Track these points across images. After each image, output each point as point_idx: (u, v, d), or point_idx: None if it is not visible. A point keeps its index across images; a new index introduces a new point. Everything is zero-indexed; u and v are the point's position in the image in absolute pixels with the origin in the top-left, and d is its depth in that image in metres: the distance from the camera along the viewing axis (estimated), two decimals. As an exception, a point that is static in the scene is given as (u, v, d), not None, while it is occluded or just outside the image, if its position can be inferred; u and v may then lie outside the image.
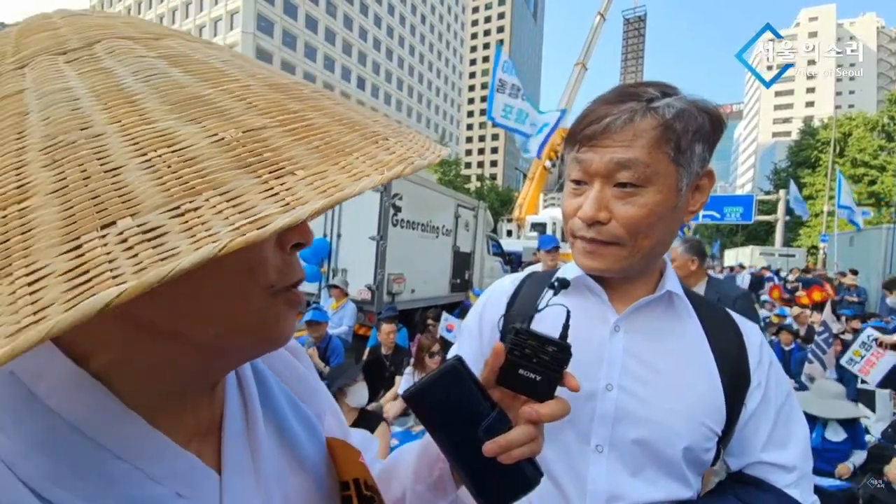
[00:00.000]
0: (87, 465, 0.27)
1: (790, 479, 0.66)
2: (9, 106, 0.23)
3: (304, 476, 0.40)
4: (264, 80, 0.27)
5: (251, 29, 38.92)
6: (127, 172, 0.19)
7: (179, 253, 0.17)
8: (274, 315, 0.30)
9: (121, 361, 0.28)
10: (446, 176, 36.95)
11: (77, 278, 0.16)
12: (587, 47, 22.51)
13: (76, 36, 0.27)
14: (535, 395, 0.44)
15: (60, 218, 0.18)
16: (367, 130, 0.26)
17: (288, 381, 0.44)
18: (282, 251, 0.30)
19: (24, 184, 0.19)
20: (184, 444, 0.31)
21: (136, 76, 0.24)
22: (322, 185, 0.21)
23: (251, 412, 0.37)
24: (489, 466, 0.42)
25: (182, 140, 0.21)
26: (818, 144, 30.71)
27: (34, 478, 0.25)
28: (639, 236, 0.62)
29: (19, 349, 0.15)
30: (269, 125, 0.23)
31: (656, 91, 0.61)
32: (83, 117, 0.21)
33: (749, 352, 0.70)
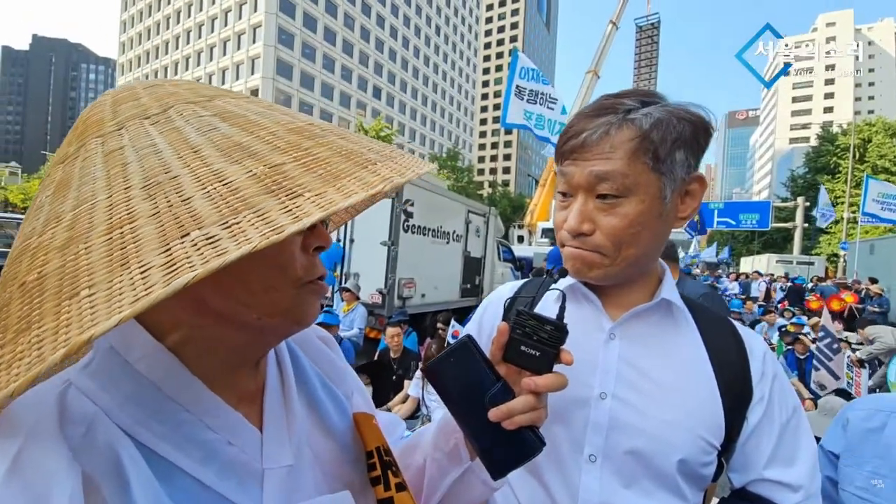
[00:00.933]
0: (163, 413, 0.36)
1: (796, 499, 0.63)
2: (115, 159, 0.32)
3: (332, 441, 0.47)
4: (286, 125, 0.36)
5: (272, 42, 39.96)
6: (195, 201, 0.28)
7: (228, 251, 0.25)
8: (301, 302, 0.39)
9: (188, 338, 0.37)
10: (459, 182, 37.12)
11: (169, 268, 0.25)
12: (599, 55, 22.50)
13: (155, 104, 0.37)
14: (535, 369, 0.50)
15: (157, 232, 0.27)
16: (361, 158, 0.34)
17: (320, 365, 0.53)
18: (306, 253, 0.39)
19: (132, 211, 0.28)
20: (234, 405, 0.40)
21: (198, 132, 0.33)
22: (321, 202, 0.29)
23: (287, 385, 0.46)
24: (495, 433, 0.47)
25: (229, 176, 0.30)
26: (837, 151, 29.98)
27: (125, 422, 0.34)
28: (622, 246, 0.62)
29: (139, 309, 0.24)
30: (286, 161, 0.32)
31: (635, 102, 0.61)
32: (165, 164, 0.31)
33: (752, 364, 0.67)
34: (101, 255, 0.27)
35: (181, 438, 0.36)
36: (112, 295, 0.25)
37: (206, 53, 44.94)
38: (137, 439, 0.34)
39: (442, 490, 0.54)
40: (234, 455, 0.38)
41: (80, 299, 0.25)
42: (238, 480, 0.37)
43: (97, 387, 0.35)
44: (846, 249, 16.39)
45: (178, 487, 0.34)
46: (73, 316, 0.25)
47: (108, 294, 0.25)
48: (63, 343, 0.24)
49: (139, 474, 0.32)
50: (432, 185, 6.66)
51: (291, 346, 0.51)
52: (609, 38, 23.29)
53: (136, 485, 0.31)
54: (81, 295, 0.25)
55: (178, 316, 0.37)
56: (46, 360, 0.23)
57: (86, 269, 0.27)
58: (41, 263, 0.29)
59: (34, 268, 0.29)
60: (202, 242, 0.26)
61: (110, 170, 0.31)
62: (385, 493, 0.45)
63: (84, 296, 0.25)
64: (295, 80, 42.23)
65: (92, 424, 0.32)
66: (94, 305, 0.25)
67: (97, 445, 0.32)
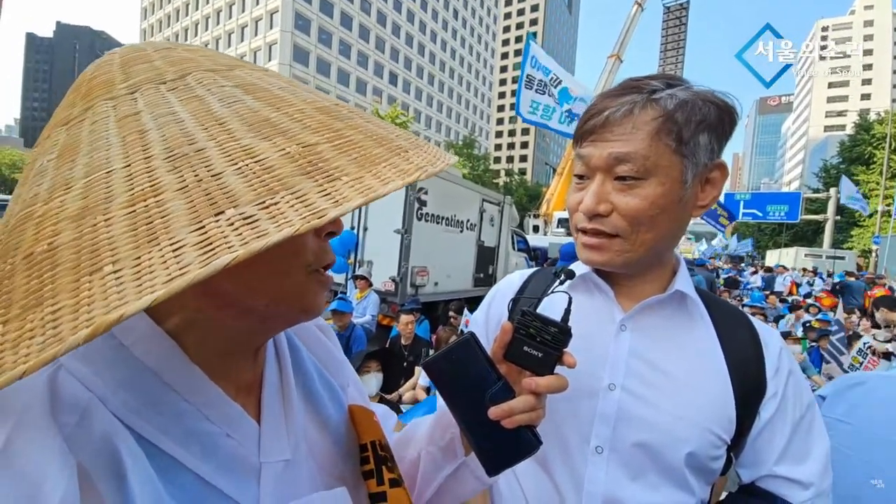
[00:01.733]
0: (161, 402, 0.34)
1: (806, 496, 0.62)
2: (130, 125, 0.30)
3: (327, 434, 0.47)
4: (312, 103, 0.34)
5: (289, 28, 39.96)
6: (226, 177, 0.26)
7: (268, 233, 0.24)
8: (309, 290, 0.38)
9: (189, 323, 0.36)
10: (475, 171, 36.83)
11: (205, 247, 0.23)
12: (623, 38, 21.74)
13: (171, 69, 0.34)
14: (536, 369, 0.50)
15: (186, 208, 0.25)
16: (393, 145, 0.33)
17: (317, 355, 0.52)
18: (318, 238, 0.38)
19: (156, 183, 0.26)
20: (232, 396, 0.38)
21: (222, 102, 0.31)
22: (360, 188, 0.28)
23: (285, 376, 0.45)
24: (493, 431, 0.47)
25: (260, 153, 0.28)
26: (873, 140, 28.56)
27: (121, 410, 0.32)
28: (641, 228, 0.60)
29: (174, 289, 0.22)
30: (320, 142, 0.30)
31: (660, 83, 0.60)
32: (189, 135, 0.29)
33: (766, 359, 0.66)
34: (124, 228, 0.25)
35: (182, 431, 0.34)
36: (141, 272, 0.23)
37: (224, 40, 45.22)
38: (136, 431, 0.32)
39: (435, 484, 0.54)
40: (233, 448, 0.37)
41: (103, 275, 0.23)
42: (236, 475, 0.36)
43: (90, 371, 0.32)
44: (878, 244, 15.69)
45: (177, 484, 0.33)
46: (95, 293, 0.23)
47: (137, 271, 0.23)
48: (85, 323, 0.22)
49: (138, 470, 0.30)
50: (447, 173, 6.59)
51: (290, 335, 0.50)
52: (634, 19, 22.47)
53: (133, 479, 0.29)
54: (105, 271, 0.24)
55: (180, 299, 0.34)
56: (66, 341, 0.22)
57: (107, 242, 0.25)
58: (51, 234, 0.26)
59: (42, 238, 0.26)
60: (239, 222, 0.25)
61: (126, 136, 0.29)
62: (377, 488, 0.45)
63: (109, 272, 0.23)
64: (311, 67, 42.22)
65: (86, 412, 0.30)
66: (121, 283, 0.23)
67: (92, 436, 0.30)
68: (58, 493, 0.26)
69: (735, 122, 0.62)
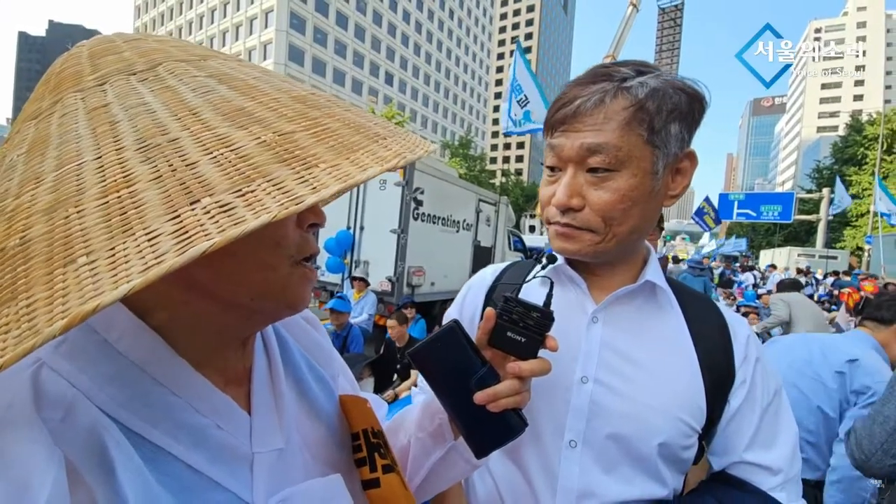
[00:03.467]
0: (149, 396, 0.34)
1: (775, 482, 0.63)
2: (100, 116, 0.30)
3: (319, 423, 0.47)
4: (288, 92, 0.34)
5: (284, 27, 39.79)
6: (201, 166, 0.26)
7: (245, 220, 0.24)
8: (294, 283, 0.38)
9: (174, 317, 0.36)
10: (471, 171, 36.84)
11: (181, 236, 0.23)
12: (618, 39, 21.82)
13: (141, 59, 0.34)
14: (520, 354, 0.51)
15: (161, 198, 0.25)
16: (370, 132, 0.33)
17: (306, 347, 0.52)
18: (300, 229, 0.38)
19: (129, 174, 0.26)
20: (222, 388, 0.38)
21: (195, 92, 0.31)
22: (338, 175, 0.28)
23: (274, 367, 0.45)
24: (480, 415, 0.49)
25: (236, 142, 0.28)
26: (864, 141, 28.86)
27: (107, 404, 0.32)
28: (613, 223, 0.60)
29: (151, 278, 0.22)
30: (296, 130, 0.30)
31: (631, 70, 0.59)
32: (162, 126, 0.28)
33: (735, 347, 0.66)
34: (97, 219, 0.25)
35: (170, 423, 0.34)
36: (116, 263, 0.23)
37: (218, 39, 44.96)
38: (123, 423, 0.32)
39: (425, 469, 0.55)
40: (224, 439, 0.37)
41: (77, 267, 0.23)
42: (228, 465, 0.36)
43: (74, 368, 0.32)
44: (871, 243, 15.86)
45: (166, 473, 0.32)
46: (69, 285, 0.23)
47: (112, 262, 0.23)
48: (61, 314, 0.22)
49: (126, 460, 0.30)
50: (443, 172, 6.60)
51: (276, 327, 0.50)
52: (629, 20, 22.54)
53: (122, 471, 0.29)
54: (79, 262, 0.23)
55: (163, 293, 0.35)
56: (42, 333, 0.21)
57: (80, 234, 0.24)
58: (23, 228, 0.26)
59: (14, 232, 0.26)
60: (215, 210, 0.24)
61: (96, 128, 0.29)
62: (370, 475, 0.45)
63: (83, 263, 0.23)
64: (307, 66, 42.07)
65: (71, 407, 0.30)
66: (95, 273, 0.23)
67: (78, 430, 0.30)
68: (46, 487, 0.26)
69: (704, 109, 0.61)
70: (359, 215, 5.85)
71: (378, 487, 0.45)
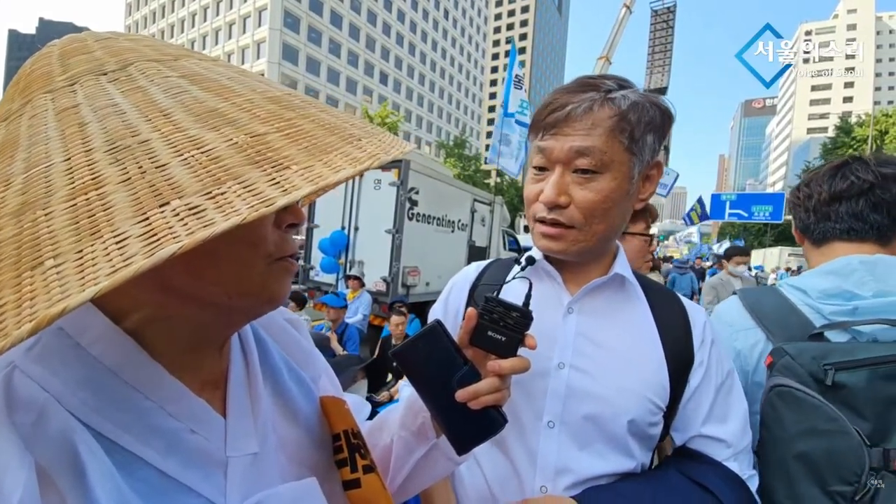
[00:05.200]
0: (122, 401, 0.34)
1: (728, 453, 0.69)
2: (69, 118, 0.29)
3: (297, 426, 0.47)
4: (263, 93, 0.34)
5: (278, 25, 39.57)
6: (171, 168, 0.26)
7: (215, 222, 0.24)
8: (271, 280, 0.38)
9: (148, 320, 0.35)
10: (466, 171, 36.88)
11: (150, 238, 0.23)
12: (612, 41, 21.95)
13: (112, 59, 0.33)
14: (500, 352, 0.53)
15: (130, 200, 0.25)
16: (345, 133, 0.33)
17: (286, 348, 0.52)
18: (278, 229, 0.38)
19: (98, 176, 0.26)
20: (197, 391, 0.38)
21: (167, 94, 0.31)
22: (310, 176, 0.28)
23: (252, 369, 0.45)
24: (461, 412, 0.50)
25: (207, 144, 0.28)
26: (853, 142, 29.28)
27: (78, 408, 0.32)
28: (594, 221, 0.65)
29: (118, 280, 0.22)
30: (269, 132, 0.30)
31: (613, 83, 0.66)
32: (132, 127, 0.28)
33: (693, 332, 0.73)
34: (65, 222, 0.25)
35: (143, 428, 0.34)
36: (84, 265, 0.23)
37: (211, 37, 44.64)
38: (95, 428, 0.32)
39: (408, 467, 0.56)
40: (198, 443, 0.36)
41: (44, 270, 0.23)
42: (201, 469, 0.36)
43: (46, 372, 0.32)
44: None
45: (138, 478, 0.32)
46: (37, 288, 0.23)
47: (79, 264, 0.23)
48: (29, 317, 0.22)
49: (97, 465, 0.30)
50: (437, 173, 6.60)
51: (256, 328, 0.49)
52: (622, 22, 22.71)
53: (93, 476, 0.29)
54: (47, 265, 0.23)
55: (137, 296, 0.34)
56: (10, 336, 0.21)
57: (48, 237, 0.24)
58: None
59: None
60: (184, 212, 0.24)
61: (65, 129, 0.29)
62: (351, 475, 0.45)
63: (50, 266, 0.23)
64: (301, 65, 41.89)
65: (43, 411, 0.30)
66: (62, 276, 0.23)
67: (50, 434, 0.29)
68: (17, 490, 0.25)
69: (671, 124, 0.69)
70: (353, 215, 5.84)
71: (359, 488, 0.45)
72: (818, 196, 0.86)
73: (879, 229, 0.80)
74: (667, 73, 30.97)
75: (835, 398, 0.67)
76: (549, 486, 0.68)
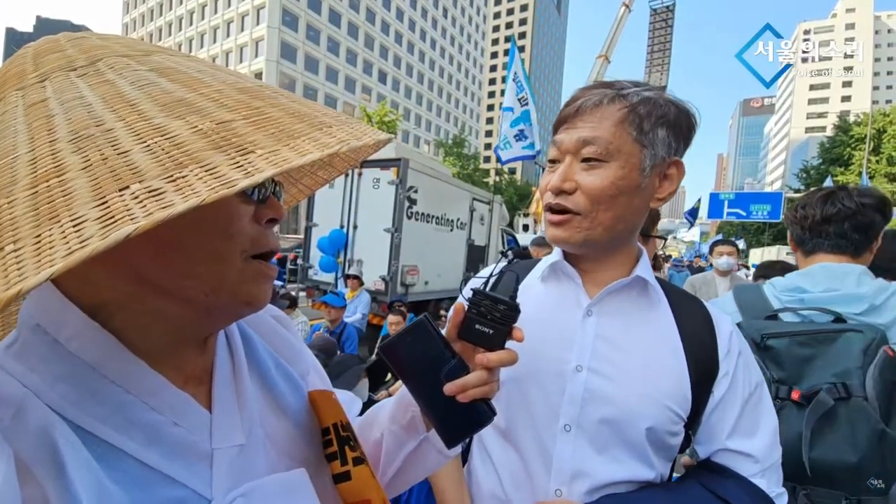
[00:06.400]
0: (101, 394, 0.34)
1: (756, 469, 0.66)
2: (37, 111, 0.30)
3: (285, 419, 0.47)
4: (233, 84, 0.34)
5: (276, 24, 39.46)
6: (133, 154, 0.26)
7: (174, 204, 0.24)
8: (248, 278, 0.38)
9: (126, 315, 0.35)
10: (465, 170, 36.85)
11: (107, 221, 0.23)
12: (611, 39, 21.94)
13: (82, 56, 0.34)
14: (488, 345, 0.53)
15: (90, 186, 0.25)
16: (315, 121, 0.33)
17: (274, 345, 0.52)
18: (258, 224, 0.38)
19: (60, 164, 0.26)
20: (181, 386, 0.38)
21: (133, 85, 0.31)
22: (274, 160, 0.28)
23: (237, 364, 0.45)
24: (450, 405, 0.50)
25: (171, 131, 0.28)
26: (851, 141, 29.32)
27: (58, 403, 0.32)
28: (600, 207, 0.65)
29: (73, 262, 0.22)
30: (235, 119, 0.30)
31: (630, 84, 0.67)
32: (97, 117, 0.29)
33: (719, 341, 0.71)
34: (26, 208, 0.25)
35: (122, 420, 0.34)
36: (41, 249, 0.23)
37: (209, 35, 44.50)
38: (74, 422, 0.32)
39: (399, 461, 0.57)
40: (181, 436, 0.37)
41: (4, 255, 0.24)
42: (185, 461, 0.36)
43: (24, 368, 0.32)
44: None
45: (119, 469, 0.33)
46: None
47: (37, 248, 0.23)
48: None
49: (76, 457, 0.30)
50: (436, 171, 6.59)
51: (242, 326, 0.49)
52: (621, 21, 22.68)
53: (73, 468, 0.29)
54: (6, 250, 0.24)
55: (113, 290, 0.35)
56: None
57: (9, 223, 0.25)
58: None
59: None
60: (144, 195, 0.24)
61: (32, 122, 0.29)
62: (341, 468, 0.45)
63: (9, 251, 0.24)
64: (299, 64, 41.78)
65: (21, 406, 0.30)
66: (20, 260, 0.23)
67: (29, 427, 0.30)
68: None
69: (693, 126, 0.68)
70: (352, 214, 5.84)
71: (349, 480, 0.45)
72: (812, 217, 1.11)
73: (856, 245, 1.07)
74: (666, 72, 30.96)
75: (766, 355, 0.99)
76: (564, 490, 0.67)
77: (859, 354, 0.91)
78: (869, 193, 1.08)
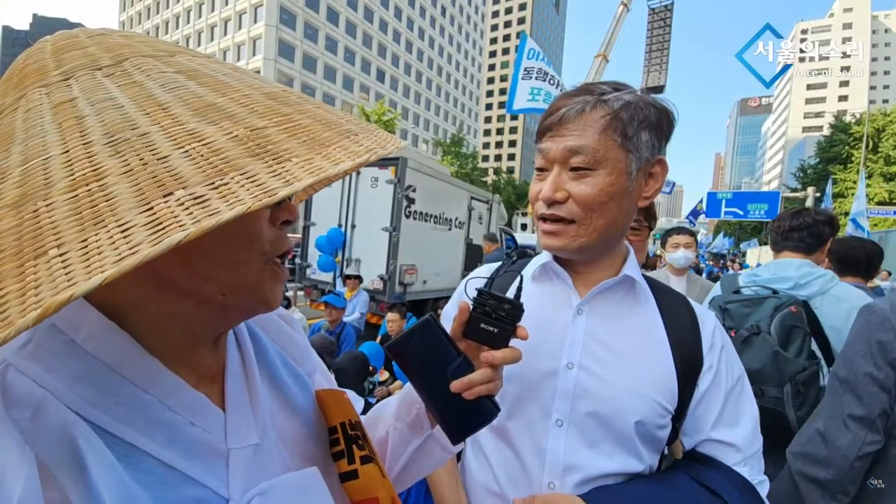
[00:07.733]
0: (120, 395, 0.34)
1: (738, 458, 0.69)
2: (66, 111, 0.29)
3: (295, 419, 0.47)
4: (259, 89, 0.34)
5: (274, 22, 39.32)
6: (173, 160, 0.26)
7: (220, 211, 0.24)
8: (266, 280, 0.38)
9: (143, 315, 0.35)
10: (463, 169, 36.82)
11: (155, 227, 0.23)
12: (609, 38, 21.94)
13: (106, 55, 0.34)
14: (493, 344, 0.54)
15: (132, 191, 0.25)
16: (342, 129, 0.33)
17: (281, 344, 0.52)
18: (273, 226, 0.38)
19: (98, 168, 0.26)
20: (194, 385, 0.38)
21: (164, 88, 0.31)
22: (311, 168, 0.28)
23: (248, 363, 0.45)
24: (455, 403, 0.52)
25: (207, 137, 0.28)
26: (850, 140, 29.40)
27: (76, 403, 0.32)
28: (593, 214, 0.67)
29: (126, 268, 0.22)
30: (268, 125, 0.30)
31: (608, 87, 0.68)
32: (131, 120, 0.28)
33: (703, 336, 0.74)
34: (67, 212, 0.25)
35: (143, 421, 0.34)
36: (89, 254, 0.23)
37: (206, 33, 44.30)
38: (94, 423, 0.32)
39: (404, 457, 0.57)
40: (198, 436, 0.37)
41: (49, 259, 0.23)
42: (203, 460, 0.36)
43: (41, 368, 0.32)
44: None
45: (141, 470, 0.32)
46: (41, 276, 0.23)
47: (84, 253, 0.23)
48: (34, 305, 0.22)
49: (98, 458, 0.30)
50: (435, 170, 6.59)
51: (251, 325, 0.50)
52: (620, 20, 22.69)
53: (94, 469, 0.29)
54: (50, 254, 0.23)
55: (132, 291, 0.34)
56: (15, 325, 0.21)
57: (50, 227, 0.24)
58: None
59: None
60: (189, 202, 0.25)
61: (62, 122, 0.29)
62: (348, 467, 0.45)
63: (54, 255, 0.23)
64: (297, 62, 41.65)
65: (40, 407, 0.30)
66: (67, 265, 0.23)
67: (48, 429, 0.29)
68: (19, 483, 0.25)
69: (672, 123, 0.70)
70: (350, 213, 5.83)
71: (356, 479, 0.45)
72: (783, 227, 1.63)
73: (810, 246, 1.58)
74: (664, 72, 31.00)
75: (725, 314, 1.54)
76: (557, 483, 0.69)
77: (772, 310, 1.45)
78: (823, 213, 1.61)
